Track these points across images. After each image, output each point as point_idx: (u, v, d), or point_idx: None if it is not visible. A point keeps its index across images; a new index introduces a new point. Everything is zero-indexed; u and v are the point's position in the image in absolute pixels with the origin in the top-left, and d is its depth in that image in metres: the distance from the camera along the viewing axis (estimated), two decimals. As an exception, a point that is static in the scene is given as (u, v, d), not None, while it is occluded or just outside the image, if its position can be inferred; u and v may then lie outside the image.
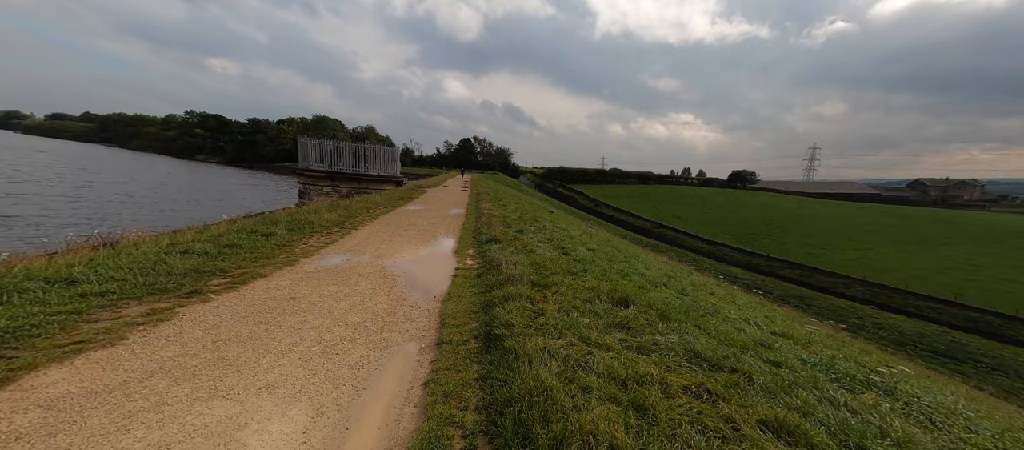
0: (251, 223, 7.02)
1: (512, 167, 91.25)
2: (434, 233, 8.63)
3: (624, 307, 3.81)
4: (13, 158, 43.11)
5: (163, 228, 12.68)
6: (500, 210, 12.69)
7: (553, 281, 4.46)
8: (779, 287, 27.50)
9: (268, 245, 5.69)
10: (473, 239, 7.82)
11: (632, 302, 3.91)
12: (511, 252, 6.05)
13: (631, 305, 3.85)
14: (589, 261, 5.86)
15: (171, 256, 4.21)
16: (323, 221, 8.10)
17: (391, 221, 9.78)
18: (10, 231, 12.26)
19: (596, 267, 5.55)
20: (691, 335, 3.16)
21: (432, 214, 11.80)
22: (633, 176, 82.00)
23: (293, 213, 8.61)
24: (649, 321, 3.43)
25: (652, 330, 3.21)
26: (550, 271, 5.04)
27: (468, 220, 10.88)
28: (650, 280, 5.34)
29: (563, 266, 5.34)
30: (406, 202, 14.45)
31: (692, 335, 3.16)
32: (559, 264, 5.39)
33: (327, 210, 9.55)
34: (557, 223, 11.10)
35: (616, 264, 6.06)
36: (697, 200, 64.54)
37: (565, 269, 5.17)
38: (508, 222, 9.79)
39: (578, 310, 3.58)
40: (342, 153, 20.86)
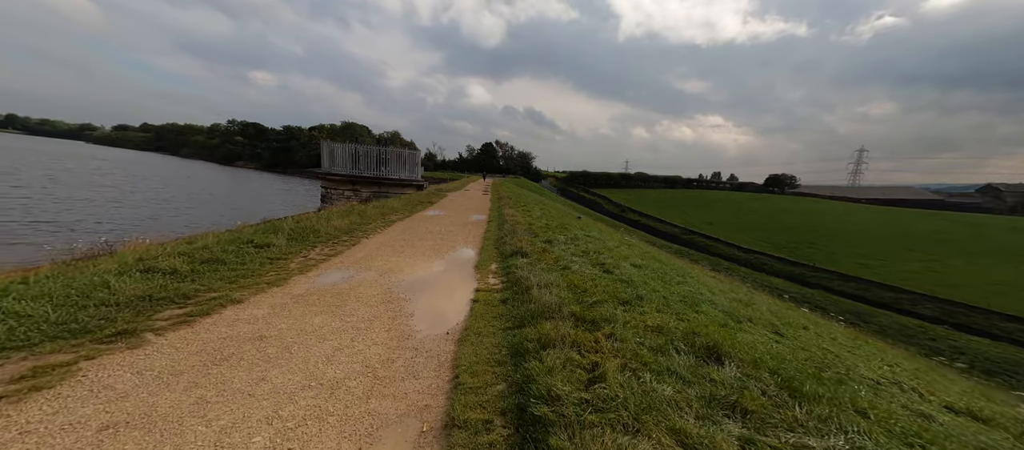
0: (249, 231, 6.28)
1: (534, 171, 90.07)
2: (452, 243, 7.63)
3: (717, 364, 2.58)
4: (74, 165, 46.54)
5: (188, 233, 12.44)
6: (524, 216, 11.58)
7: (603, 315, 3.29)
8: (829, 301, 24.74)
9: (258, 259, 4.84)
10: (496, 251, 6.74)
11: (725, 354, 2.67)
12: (542, 269, 4.92)
13: (726, 360, 2.61)
14: (639, 283, 4.63)
15: (125, 278, 3.39)
16: (331, 229, 7.28)
17: (406, 229, 8.88)
18: (30, 235, 12.37)
19: (651, 291, 4.31)
20: (855, 430, 1.89)
21: (451, 221, 10.85)
22: (660, 180, 78.62)
23: (300, 220, 7.87)
24: (769, 395, 2.20)
25: (784, 419, 1.97)
26: (594, 297, 3.86)
27: (490, 228, 9.83)
28: (727, 311, 4.04)
29: (609, 290, 4.14)
30: (425, 207, 13.64)
31: (856, 429, 1.90)
32: (604, 287, 4.20)
33: (338, 216, 8.78)
34: (588, 231, 9.86)
35: (672, 286, 4.79)
36: (730, 205, 60.84)
37: (613, 295, 3.98)
38: (534, 230, 8.67)
39: (651, 368, 2.40)
40: (363, 157, 20.51)
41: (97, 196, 24.09)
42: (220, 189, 38.73)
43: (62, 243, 11.05)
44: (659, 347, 2.62)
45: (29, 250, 10.00)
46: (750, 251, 41.56)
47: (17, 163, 41.27)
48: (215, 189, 38.24)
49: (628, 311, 3.46)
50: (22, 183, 25.92)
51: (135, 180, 36.28)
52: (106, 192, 26.02)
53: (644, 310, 3.51)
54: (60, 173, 34.57)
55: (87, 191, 25.66)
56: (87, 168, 42.22)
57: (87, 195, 23.80)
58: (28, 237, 12.60)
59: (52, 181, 28.69)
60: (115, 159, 72.45)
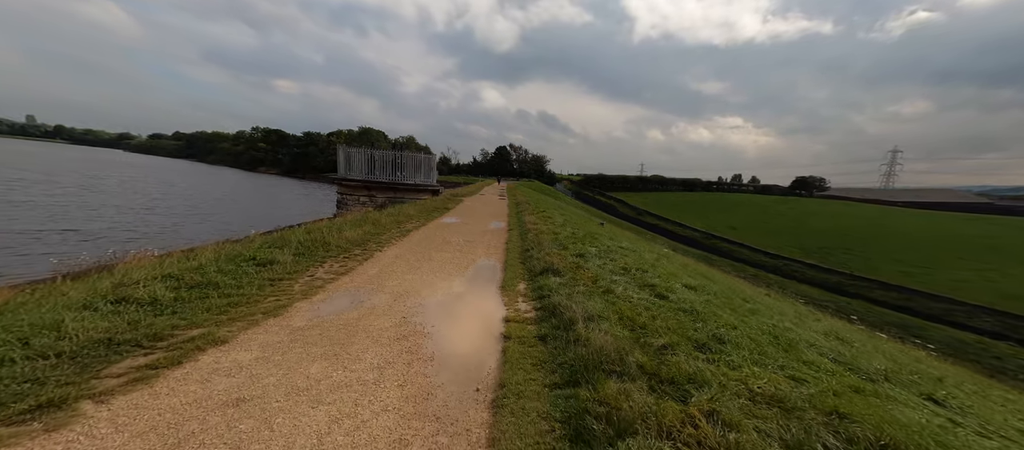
0: (253, 246, 5.69)
1: (548, 174, 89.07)
2: (473, 255, 6.89)
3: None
4: (110, 172, 48.54)
5: (202, 242, 12.18)
6: (546, 224, 10.77)
7: (683, 370, 2.45)
8: (871, 312, 22.84)
9: (258, 281, 4.21)
10: (522, 267, 5.95)
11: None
12: (581, 293, 4.10)
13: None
14: (707, 314, 3.75)
15: (88, 313, 2.77)
16: (343, 241, 6.65)
17: (423, 239, 8.21)
18: (53, 243, 12.33)
19: (726, 328, 3.42)
20: None
21: (470, 229, 10.14)
22: (678, 183, 76.21)
23: (310, 230, 7.29)
24: None
25: None
26: (660, 337, 3.02)
27: (511, 237, 9.06)
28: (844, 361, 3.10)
29: (674, 325, 3.29)
30: (441, 214, 13.00)
31: None
32: (666, 321, 3.35)
33: (351, 226, 8.19)
34: (618, 241, 8.95)
35: (747, 318, 3.88)
36: (754, 209, 58.26)
37: (682, 334, 3.12)
38: (561, 240, 7.84)
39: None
40: (379, 162, 20.17)
41: (125, 203, 24.62)
42: (242, 195, 39.46)
43: (81, 252, 10.88)
44: (796, 444, 1.76)
45: (38, 260, 9.83)
46: (778, 257, 39.40)
47: (58, 170, 43.35)
48: (238, 194, 38.97)
49: (714, 362, 2.61)
50: (59, 190, 26.81)
51: (164, 187, 37.32)
52: (136, 199, 26.64)
53: (733, 359, 2.65)
54: (96, 181, 35.89)
55: (117, 199, 26.32)
56: (121, 176, 43.90)
57: (116, 203, 24.34)
58: (46, 245, 12.60)
59: (87, 189, 29.69)
60: (149, 166, 75.70)
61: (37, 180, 30.99)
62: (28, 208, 19.12)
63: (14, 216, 16.48)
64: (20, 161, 50.81)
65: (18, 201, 20.50)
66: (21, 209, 18.52)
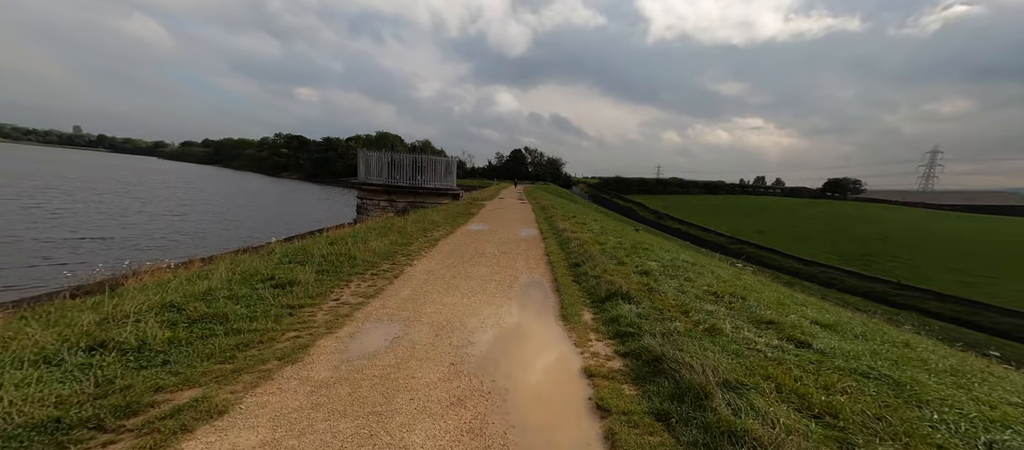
0: (273, 260, 4.98)
1: (564, 177, 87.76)
2: (513, 270, 6.01)
3: None
4: (139, 178, 50.43)
5: (221, 251, 11.78)
6: (583, 231, 9.80)
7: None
8: (926, 325, 20.70)
9: (275, 309, 3.44)
10: (577, 287, 5.01)
11: None
12: (683, 335, 3.13)
13: None
14: (884, 373, 2.72)
15: (44, 371, 2.03)
16: (369, 253, 5.89)
17: (453, 250, 7.39)
18: (71, 255, 12.14)
19: (918, 396, 2.39)
20: None
21: (500, 237, 9.29)
22: (699, 185, 73.44)
23: (334, 240, 6.58)
24: None
25: None
26: (836, 414, 2.04)
27: (549, 246, 8.14)
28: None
29: (873, 408, 2.28)
30: (466, 219, 12.22)
31: None
32: (857, 400, 2.35)
33: (376, 235, 7.46)
34: (676, 253, 7.87)
35: (927, 380, 2.81)
36: (782, 212, 55.40)
37: (913, 432, 2.12)
38: (609, 251, 6.87)
39: None
40: (399, 166, 19.67)
41: (158, 211, 25.05)
42: (266, 200, 40.04)
43: (98, 263, 10.60)
44: None
45: (50, 270, 9.51)
46: (813, 263, 37.00)
47: (97, 177, 45.33)
48: (262, 200, 39.57)
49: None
50: (95, 198, 27.63)
51: (193, 193, 38.24)
52: (165, 206, 27.14)
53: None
54: (131, 188, 37.13)
55: (150, 206, 26.88)
56: (153, 182, 45.45)
57: (151, 209, 24.80)
58: (73, 254, 12.47)
59: (123, 195, 30.59)
60: (179, 173, 78.78)
61: (77, 188, 32.21)
62: (63, 216, 19.50)
63: (44, 223, 16.71)
64: (65, 169, 53.43)
65: (55, 208, 21.02)
66: (57, 217, 18.88)
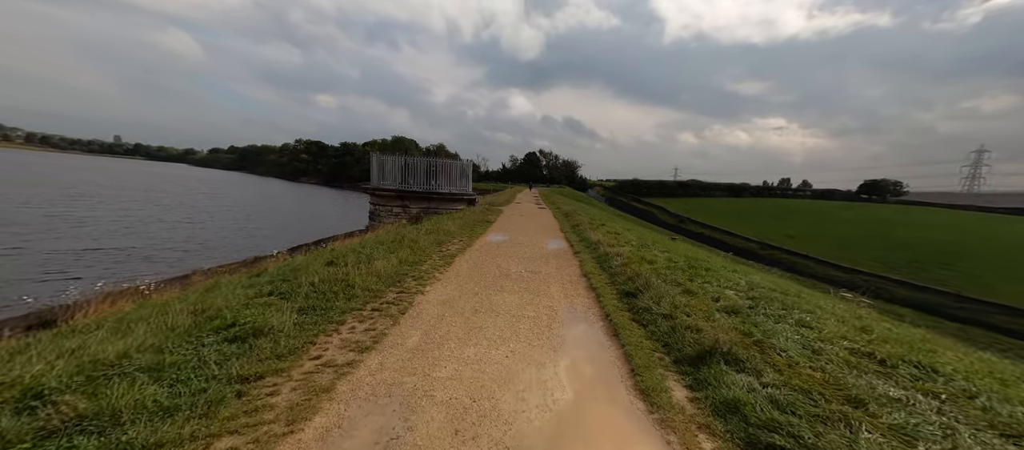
0: (250, 292, 3.92)
1: (579, 180, 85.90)
2: (548, 299, 4.79)
3: None
4: (167, 185, 51.84)
5: (233, 259, 11.02)
6: (620, 243, 8.47)
7: None
8: (997, 342, 18.22)
9: (220, 383, 2.33)
10: (640, 329, 3.73)
11: None
12: (829, 425, 1.85)
13: None
14: None
15: None
16: (371, 278, 4.78)
17: (472, 269, 6.22)
18: (86, 268, 11.59)
19: None
20: None
21: (525, 250, 8.08)
22: (722, 187, 70.11)
23: (333, 258, 5.52)
24: None
25: None
26: None
27: (584, 263, 6.87)
28: None
29: None
30: (483, 228, 11.08)
31: None
32: None
33: (383, 251, 6.37)
34: (748, 276, 6.45)
35: None
36: (814, 216, 52.08)
37: None
38: (663, 272, 5.56)
39: None
40: (413, 170, 18.76)
41: (177, 217, 25.08)
42: (283, 206, 40.17)
43: (103, 279, 9.95)
44: None
45: (37, 287, 8.75)
46: (853, 271, 34.18)
47: (126, 183, 46.83)
48: (279, 206, 39.71)
49: None
50: (121, 206, 27.99)
51: (215, 199, 38.71)
52: (185, 213, 27.22)
53: None
54: (159, 195, 37.90)
55: (172, 212, 27.03)
56: (178, 189, 46.54)
57: (173, 217, 24.84)
58: (85, 265, 11.97)
59: (148, 202, 31.05)
60: (205, 179, 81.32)
61: (108, 195, 32.98)
62: (86, 225, 19.48)
63: (63, 233, 16.54)
64: (101, 177, 55.50)
65: (82, 217, 21.13)
66: (80, 226, 18.84)
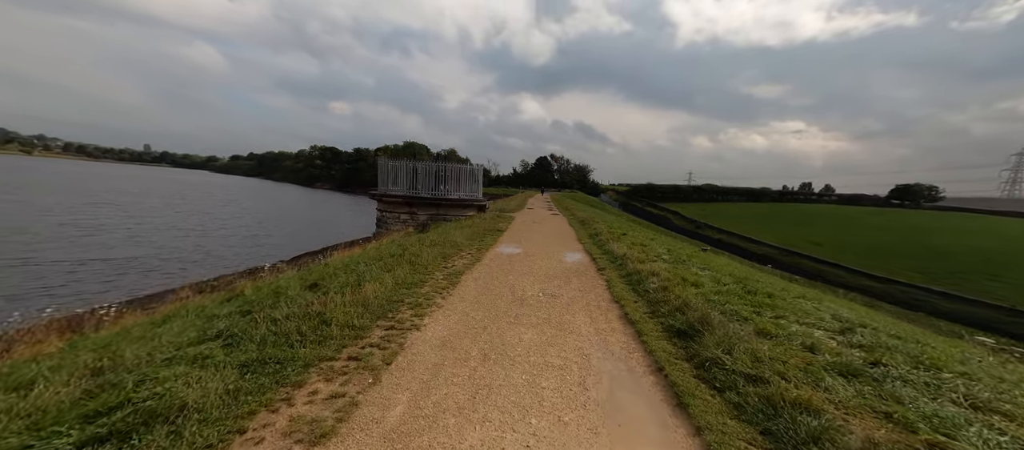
0: (192, 334, 3.00)
1: (591, 185, 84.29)
2: (576, 337, 3.74)
3: None
4: (187, 191, 52.88)
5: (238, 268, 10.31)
6: (650, 258, 7.33)
7: None
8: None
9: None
10: (716, 397, 2.63)
11: None
12: None
13: None
14: None
15: None
16: (355, 309, 3.81)
17: (481, 292, 5.20)
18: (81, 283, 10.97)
19: None
20: None
21: (541, 265, 7.02)
22: (740, 192, 67.30)
23: (318, 280, 4.59)
24: None
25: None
26: None
27: (611, 283, 5.77)
28: None
29: None
30: (494, 238, 10.07)
31: None
32: None
33: (378, 269, 5.43)
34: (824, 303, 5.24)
35: None
36: (840, 221, 49.28)
37: None
38: (713, 298, 4.44)
39: None
40: (422, 175, 18.00)
41: (188, 225, 25.02)
42: (295, 213, 40.15)
43: (95, 289, 9.35)
44: None
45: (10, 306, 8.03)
46: (889, 281, 31.80)
47: (151, 189, 47.93)
48: (291, 213, 39.71)
49: None
50: (136, 213, 28.23)
51: (228, 206, 38.99)
52: (197, 220, 27.19)
53: None
54: (177, 201, 38.43)
55: (186, 219, 27.08)
56: (197, 195, 47.32)
57: (185, 224, 24.79)
58: (63, 280, 11.45)
59: (165, 208, 31.33)
60: (225, 185, 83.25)
61: (130, 202, 33.50)
62: (99, 234, 19.36)
63: (72, 243, 16.31)
64: (127, 185, 57.09)
65: (100, 224, 21.11)
66: (92, 235, 18.72)
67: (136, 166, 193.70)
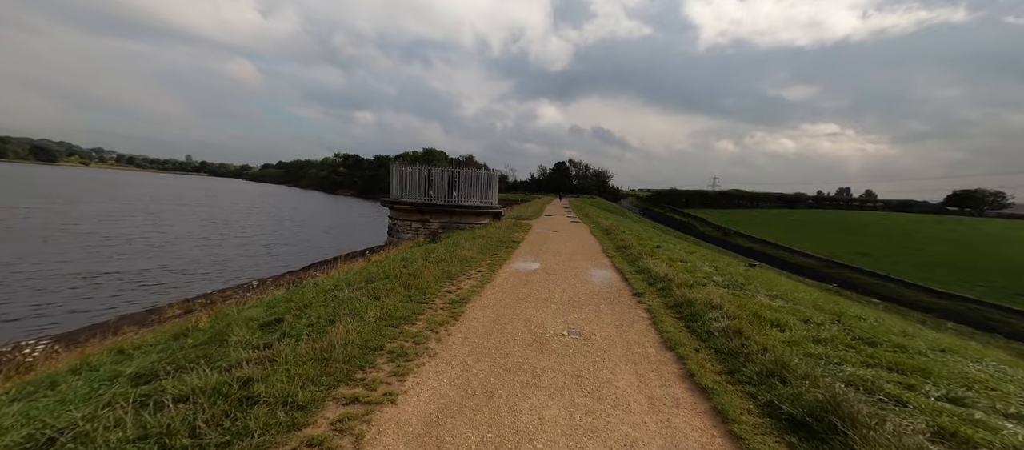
0: (20, 437, 1.99)
1: (611, 190, 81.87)
2: (625, 416, 2.48)
3: None
4: (212, 200, 54.87)
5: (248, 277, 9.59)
6: (697, 278, 5.92)
7: None
8: None
9: None
10: None
11: None
12: None
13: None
14: None
15: None
16: (306, 372, 2.72)
17: (489, 329, 4.00)
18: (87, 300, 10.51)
19: None
20: None
21: (565, 288, 5.76)
22: (772, 198, 63.01)
23: (277, 319, 3.57)
24: None
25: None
26: None
27: (655, 315, 4.44)
28: None
29: None
30: (509, 251, 8.89)
31: None
32: None
33: (364, 297, 4.35)
34: (977, 361, 3.72)
35: None
36: (891, 231, 45.08)
37: None
38: (807, 344, 3.08)
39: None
40: (434, 181, 17.13)
41: (208, 233, 25.33)
42: (315, 219, 40.53)
43: (79, 309, 8.85)
44: None
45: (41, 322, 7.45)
46: (954, 297, 28.27)
47: (183, 197, 50.11)
48: (312, 219, 40.10)
49: None
50: (165, 221, 29.00)
51: (251, 213, 39.81)
52: (216, 229, 27.58)
53: None
54: (202, 210, 39.68)
55: (205, 229, 27.51)
56: (225, 203, 48.93)
57: (201, 233, 25.09)
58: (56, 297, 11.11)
59: (190, 216, 32.18)
60: (254, 192, 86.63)
61: (162, 210, 34.75)
62: (114, 243, 19.61)
63: (89, 253, 16.39)
64: (162, 193, 60.02)
65: (117, 234, 21.53)
66: (108, 245, 18.96)
67: (178, 175, 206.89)
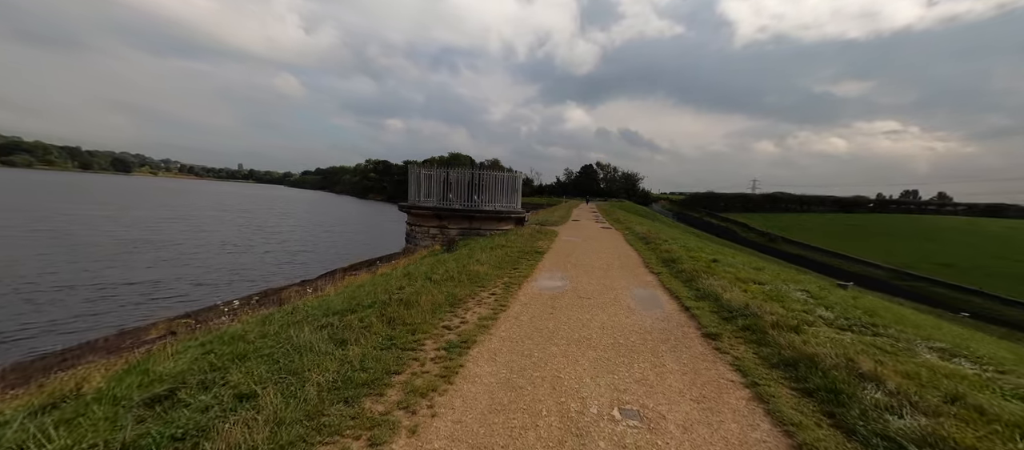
0: None
1: (641, 193, 78.10)
2: None
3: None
4: (251, 205, 57.71)
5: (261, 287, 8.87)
6: (803, 316, 4.22)
7: None
8: None
9: None
10: None
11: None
12: None
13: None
14: None
15: None
16: None
17: (494, 407, 2.57)
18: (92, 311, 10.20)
19: None
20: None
21: (605, 325, 4.24)
22: (825, 201, 56.76)
23: (215, 367, 2.42)
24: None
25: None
26: None
27: (752, 373, 2.86)
28: None
29: None
30: (531, 265, 7.47)
31: None
32: None
33: (325, 342, 3.16)
34: None
35: None
36: (978, 239, 39.01)
37: None
38: None
39: None
40: (455, 184, 16.11)
41: (235, 239, 25.93)
42: (345, 224, 41.29)
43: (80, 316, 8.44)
44: None
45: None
46: (1074, 317, 23.40)
47: (223, 203, 53.24)
48: (341, 224, 40.90)
49: None
50: (198, 228, 30.24)
51: (282, 219, 41.16)
52: (245, 234, 28.29)
53: None
54: (238, 216, 41.53)
55: (231, 234, 28.32)
56: (261, 208, 51.29)
57: (228, 238, 25.73)
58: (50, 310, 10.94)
59: (223, 222, 33.58)
60: (292, 198, 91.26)
61: (203, 216, 36.65)
62: (143, 251, 20.21)
63: (117, 262, 16.79)
64: (204, 200, 64.18)
65: (152, 241, 22.36)
66: (137, 252, 19.56)
67: (229, 183, 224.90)
